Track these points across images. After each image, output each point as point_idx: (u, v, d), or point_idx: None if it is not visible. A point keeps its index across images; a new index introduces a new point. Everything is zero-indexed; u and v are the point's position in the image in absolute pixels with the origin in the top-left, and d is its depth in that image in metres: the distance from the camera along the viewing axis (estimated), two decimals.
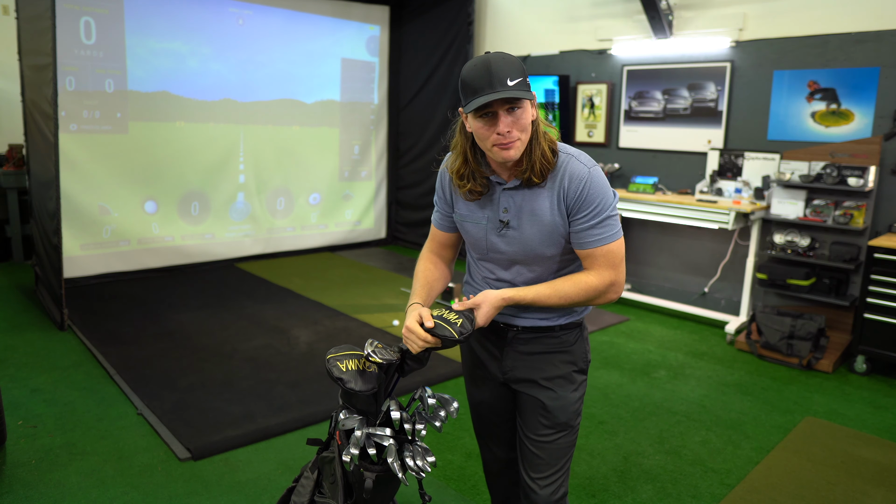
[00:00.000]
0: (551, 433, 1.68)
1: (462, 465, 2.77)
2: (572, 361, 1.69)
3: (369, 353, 1.63)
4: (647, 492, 2.62)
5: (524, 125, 1.48)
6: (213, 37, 5.65)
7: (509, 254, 1.62)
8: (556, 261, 1.62)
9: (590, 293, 1.56)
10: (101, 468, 2.62)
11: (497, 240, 1.62)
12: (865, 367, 3.92)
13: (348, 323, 4.52)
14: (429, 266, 1.80)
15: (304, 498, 1.85)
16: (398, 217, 7.41)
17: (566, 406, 1.68)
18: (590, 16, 5.52)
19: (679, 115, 5.05)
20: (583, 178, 1.52)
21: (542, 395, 1.68)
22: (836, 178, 4.12)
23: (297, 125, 6.39)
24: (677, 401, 3.48)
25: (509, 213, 1.58)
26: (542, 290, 1.56)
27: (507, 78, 1.43)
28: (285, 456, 2.79)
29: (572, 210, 1.54)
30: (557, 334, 1.67)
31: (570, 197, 1.53)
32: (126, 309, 4.58)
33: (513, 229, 1.58)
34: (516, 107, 1.46)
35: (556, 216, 1.55)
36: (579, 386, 1.71)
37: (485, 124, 1.47)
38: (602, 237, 1.54)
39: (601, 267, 1.55)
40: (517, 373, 1.70)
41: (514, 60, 1.46)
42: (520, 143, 1.49)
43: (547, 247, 1.58)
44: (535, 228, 1.56)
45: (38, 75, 4.14)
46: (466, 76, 1.46)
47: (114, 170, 5.26)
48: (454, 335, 1.53)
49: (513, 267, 1.64)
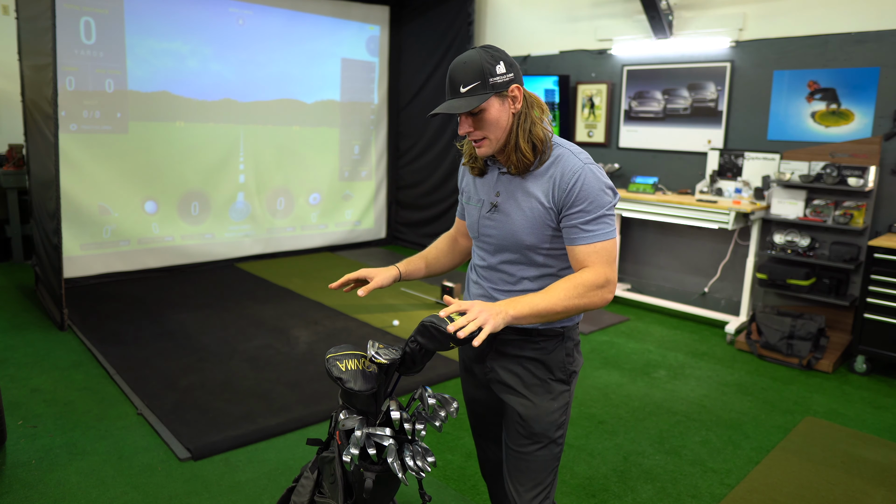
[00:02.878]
0: (528, 443, 1.64)
1: (462, 465, 2.77)
2: (549, 369, 1.65)
3: (373, 354, 1.63)
4: (647, 492, 2.62)
5: (489, 124, 1.52)
6: (214, 37, 5.65)
7: (495, 237, 1.63)
8: (540, 254, 1.59)
9: (587, 288, 1.48)
10: (101, 468, 2.62)
11: (487, 222, 1.64)
12: (865, 367, 3.92)
13: (348, 323, 4.52)
14: (440, 242, 1.91)
15: (304, 498, 1.85)
16: (398, 217, 7.41)
17: (541, 416, 1.63)
18: (590, 16, 5.52)
19: (679, 115, 5.05)
20: (575, 173, 1.51)
21: (518, 402, 1.64)
22: (836, 178, 4.12)
23: (297, 125, 6.39)
24: (677, 401, 3.48)
25: (501, 196, 1.62)
26: (536, 298, 1.47)
27: (461, 85, 1.50)
28: (285, 456, 2.79)
29: (564, 204, 1.52)
30: (536, 340, 1.63)
31: (560, 189, 1.52)
32: (126, 309, 4.58)
33: (500, 213, 1.61)
34: (476, 110, 1.51)
35: (543, 205, 1.55)
36: (558, 396, 1.65)
37: (460, 125, 1.57)
38: (597, 233, 1.51)
39: (594, 263, 1.51)
40: (496, 375, 1.68)
41: (472, 64, 1.49)
42: (488, 142, 1.55)
43: (528, 234, 1.57)
44: (521, 214, 1.57)
45: (38, 75, 4.14)
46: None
47: (114, 170, 5.26)
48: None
49: (499, 254, 1.64)
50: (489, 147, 1.55)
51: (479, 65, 1.49)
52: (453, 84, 1.51)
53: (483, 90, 1.49)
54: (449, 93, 1.53)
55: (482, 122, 1.52)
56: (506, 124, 1.54)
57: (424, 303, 5.06)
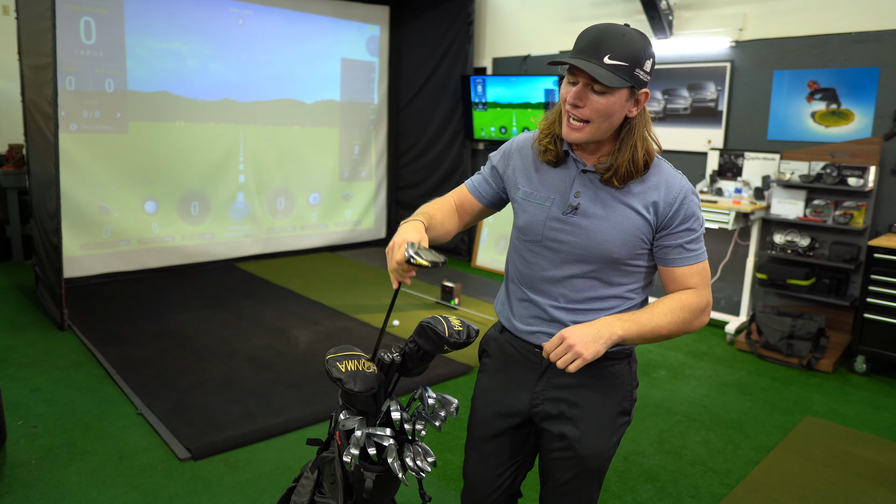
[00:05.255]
0: (580, 478, 1.49)
1: (462, 465, 2.77)
2: (618, 401, 1.49)
3: (411, 255, 1.32)
4: (647, 492, 2.62)
5: (604, 111, 1.32)
6: (213, 37, 5.65)
7: (570, 244, 1.42)
8: (621, 271, 1.43)
9: (691, 312, 1.38)
10: (101, 468, 2.62)
11: (558, 225, 1.43)
12: (865, 367, 3.92)
13: (348, 323, 4.52)
14: (444, 206, 1.58)
15: (304, 498, 1.85)
16: (398, 217, 7.41)
17: (601, 453, 1.47)
18: (590, 16, 5.52)
19: (679, 114, 5.05)
20: (682, 189, 1.39)
21: (574, 436, 1.46)
22: (836, 178, 4.12)
23: (297, 125, 6.39)
24: (677, 401, 3.48)
25: (581, 197, 1.42)
26: (642, 317, 1.35)
27: (608, 54, 1.28)
28: (285, 456, 2.79)
29: (670, 221, 1.39)
30: (605, 364, 1.46)
31: (667, 204, 1.38)
32: (126, 309, 4.58)
33: (581, 216, 1.41)
34: (603, 90, 1.31)
35: (643, 217, 1.39)
36: (619, 429, 1.50)
37: (566, 87, 1.36)
38: (699, 253, 1.41)
39: (698, 285, 1.40)
40: (548, 408, 1.49)
41: (631, 42, 1.29)
42: (590, 129, 1.35)
43: (618, 246, 1.39)
44: (608, 223, 1.39)
45: (38, 75, 4.14)
46: (581, 33, 1.34)
47: (114, 170, 5.25)
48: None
49: (568, 266, 1.44)
50: (585, 134, 1.35)
51: (637, 48, 1.30)
52: (598, 48, 1.28)
53: (626, 74, 1.30)
54: (587, 52, 1.30)
55: (596, 105, 1.32)
56: (616, 122, 1.36)
57: (424, 303, 5.06)
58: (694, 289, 1.40)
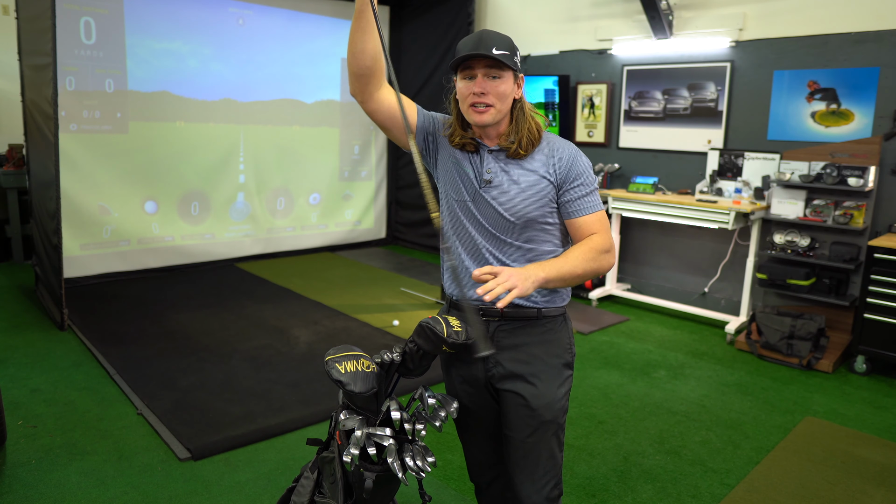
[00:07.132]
0: (538, 433, 1.63)
1: (462, 464, 2.77)
2: (558, 354, 1.68)
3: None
4: (647, 492, 2.62)
5: (501, 94, 1.58)
6: (214, 37, 5.65)
7: (492, 213, 1.65)
8: (536, 230, 1.65)
9: (598, 252, 1.59)
10: (101, 468, 2.62)
11: (481, 198, 1.66)
12: (865, 367, 3.92)
13: (348, 323, 4.52)
14: None
15: (304, 498, 1.85)
16: (398, 217, 7.41)
17: (552, 403, 1.64)
18: (590, 16, 5.52)
19: (679, 115, 5.05)
20: (572, 151, 1.65)
21: (528, 391, 1.63)
22: (836, 178, 4.12)
23: (297, 125, 6.39)
24: (677, 401, 3.48)
25: (492, 173, 1.65)
26: (559, 262, 1.55)
27: (494, 47, 1.55)
28: (285, 456, 2.79)
29: (565, 179, 1.62)
30: (542, 322, 1.66)
31: (562, 166, 1.63)
32: (126, 309, 4.58)
33: (495, 188, 1.64)
34: (496, 75, 1.58)
35: (546, 178, 1.63)
36: (565, 381, 1.69)
37: (465, 84, 1.60)
38: (596, 204, 1.64)
39: (600, 230, 1.62)
40: (501, 369, 1.66)
41: (506, 37, 1.59)
42: (493, 111, 1.59)
43: (530, 206, 1.62)
44: (520, 187, 1.63)
45: (38, 75, 4.14)
46: (459, 43, 1.62)
47: (114, 170, 5.26)
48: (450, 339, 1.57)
49: (496, 231, 1.66)
50: (491, 115, 1.59)
51: (511, 42, 1.60)
52: (486, 43, 1.55)
53: (511, 61, 1.57)
54: (479, 48, 1.55)
55: (496, 90, 1.58)
56: (509, 103, 1.62)
57: (424, 303, 5.06)
58: (597, 233, 1.62)
